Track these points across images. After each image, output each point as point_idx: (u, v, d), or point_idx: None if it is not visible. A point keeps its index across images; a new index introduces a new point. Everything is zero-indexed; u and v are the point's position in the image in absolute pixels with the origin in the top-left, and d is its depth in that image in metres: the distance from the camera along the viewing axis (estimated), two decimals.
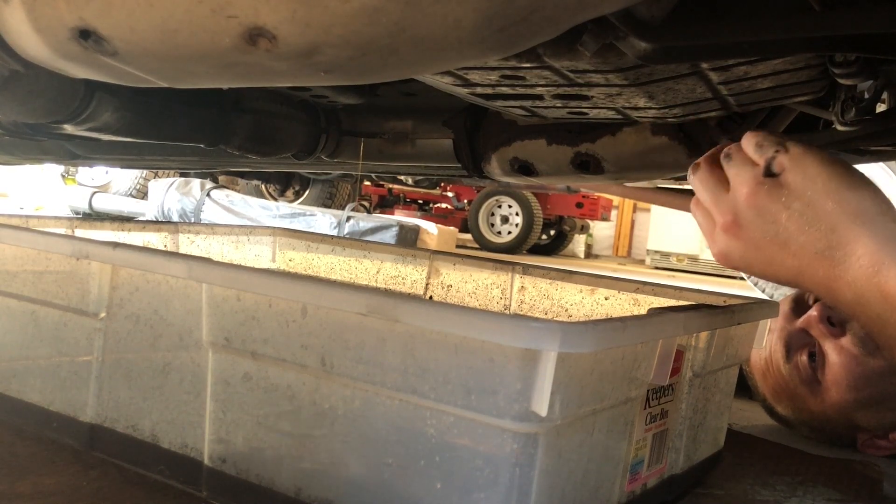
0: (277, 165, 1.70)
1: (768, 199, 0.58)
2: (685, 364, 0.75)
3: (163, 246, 1.26)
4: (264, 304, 0.64)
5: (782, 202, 0.58)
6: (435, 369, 0.56)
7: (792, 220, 0.58)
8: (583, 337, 0.52)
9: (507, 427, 0.54)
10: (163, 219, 3.90)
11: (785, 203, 0.58)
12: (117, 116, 0.94)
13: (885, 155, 1.11)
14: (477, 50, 0.51)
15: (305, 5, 0.45)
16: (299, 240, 1.41)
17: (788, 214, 0.58)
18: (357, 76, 0.58)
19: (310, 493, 0.63)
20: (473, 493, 0.56)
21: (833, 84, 0.91)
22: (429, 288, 1.25)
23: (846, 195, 0.56)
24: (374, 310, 0.56)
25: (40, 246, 0.79)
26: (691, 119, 0.97)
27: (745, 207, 0.60)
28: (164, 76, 0.58)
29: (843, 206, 0.56)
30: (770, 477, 0.95)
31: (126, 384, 0.75)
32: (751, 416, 1.32)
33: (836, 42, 0.67)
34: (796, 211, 0.58)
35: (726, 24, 0.62)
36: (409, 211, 6.97)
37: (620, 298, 1.07)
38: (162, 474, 0.72)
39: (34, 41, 0.55)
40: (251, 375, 0.66)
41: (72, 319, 0.78)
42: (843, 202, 0.56)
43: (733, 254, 0.61)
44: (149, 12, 0.48)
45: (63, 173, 4.84)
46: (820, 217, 0.57)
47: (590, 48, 0.63)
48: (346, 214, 3.73)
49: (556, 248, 6.74)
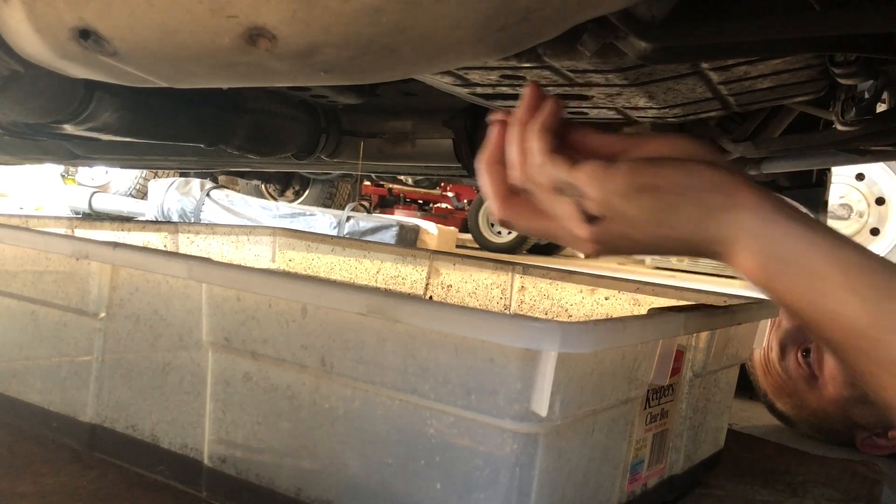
0: (277, 165, 1.70)
1: (612, 239, 0.54)
2: (685, 364, 0.75)
3: (163, 246, 1.26)
4: (264, 304, 0.64)
5: (630, 242, 0.54)
6: (435, 369, 0.56)
7: (648, 249, 0.55)
8: (583, 337, 0.52)
9: (507, 427, 0.54)
10: (163, 219, 3.90)
11: (634, 243, 0.54)
12: (117, 116, 0.94)
13: (886, 155, 1.11)
14: (477, 50, 0.51)
15: (305, 5, 0.45)
16: (299, 240, 1.41)
17: (642, 248, 0.54)
18: (357, 76, 0.58)
19: (310, 494, 0.63)
20: (473, 493, 0.56)
21: (833, 84, 0.91)
22: (429, 288, 1.25)
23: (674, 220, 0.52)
24: (374, 310, 0.56)
25: (40, 246, 0.79)
26: (691, 119, 0.97)
27: (594, 244, 0.54)
28: (163, 76, 0.58)
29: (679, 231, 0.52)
30: (770, 477, 0.95)
31: (126, 384, 0.75)
32: (751, 416, 1.32)
33: (836, 42, 0.68)
34: (647, 245, 0.54)
35: (726, 24, 0.62)
36: (409, 211, 6.97)
37: (620, 298, 1.07)
38: (162, 474, 0.72)
39: (34, 41, 0.55)
40: (251, 375, 0.66)
41: (72, 319, 0.78)
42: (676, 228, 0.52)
43: (606, 255, 0.57)
44: (149, 12, 0.48)
45: (63, 173, 4.84)
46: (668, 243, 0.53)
47: (590, 48, 0.63)
48: (346, 214, 3.73)
49: (557, 248, 6.74)
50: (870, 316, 0.45)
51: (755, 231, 0.49)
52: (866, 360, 0.46)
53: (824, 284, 0.46)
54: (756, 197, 0.50)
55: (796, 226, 0.49)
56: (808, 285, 0.47)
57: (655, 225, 0.52)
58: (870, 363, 0.46)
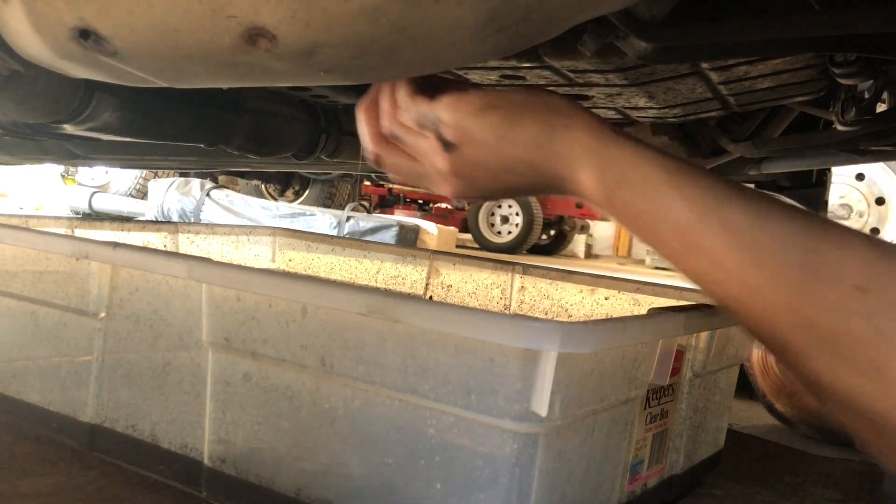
0: (277, 165, 1.70)
1: (469, 167, 0.57)
2: (685, 364, 0.75)
3: (163, 246, 1.26)
4: (264, 304, 0.64)
5: (483, 168, 0.57)
6: (435, 369, 0.56)
7: (500, 176, 0.57)
8: (583, 337, 0.52)
9: (507, 427, 0.54)
10: (163, 219, 3.90)
11: (483, 165, 0.57)
12: (117, 116, 0.94)
13: (886, 155, 1.11)
14: (477, 50, 0.51)
15: (305, 5, 0.45)
16: (299, 240, 1.41)
17: (494, 174, 0.57)
18: (357, 76, 0.58)
19: (310, 493, 0.63)
20: (473, 493, 0.55)
21: (833, 84, 0.91)
22: (429, 288, 1.25)
23: (517, 136, 0.55)
24: (374, 310, 0.56)
25: (40, 246, 0.79)
26: (691, 119, 0.97)
27: (453, 178, 0.58)
28: (163, 76, 0.57)
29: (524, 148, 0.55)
30: (770, 477, 0.95)
31: (126, 384, 0.75)
32: (751, 416, 1.32)
33: (836, 42, 0.67)
34: (499, 170, 0.57)
35: (726, 24, 0.62)
36: (409, 211, 6.97)
37: (620, 298, 1.07)
38: (162, 474, 0.72)
39: (34, 41, 0.55)
40: (251, 375, 0.66)
41: (72, 319, 0.78)
42: (521, 145, 0.55)
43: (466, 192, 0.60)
44: (149, 12, 0.48)
45: (63, 173, 4.84)
46: (517, 166, 0.56)
47: (590, 48, 0.63)
48: (346, 214, 3.73)
49: (556, 248, 6.73)
50: (693, 212, 0.49)
51: (593, 147, 0.52)
52: (696, 257, 0.49)
53: (654, 189, 0.50)
54: (592, 119, 0.54)
55: (628, 142, 0.52)
56: (641, 193, 0.51)
57: (500, 141, 0.55)
58: (699, 259, 0.49)
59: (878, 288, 0.45)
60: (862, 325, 0.44)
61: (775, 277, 0.47)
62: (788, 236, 0.47)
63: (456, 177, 0.58)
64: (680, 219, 0.49)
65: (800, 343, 0.47)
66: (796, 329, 0.47)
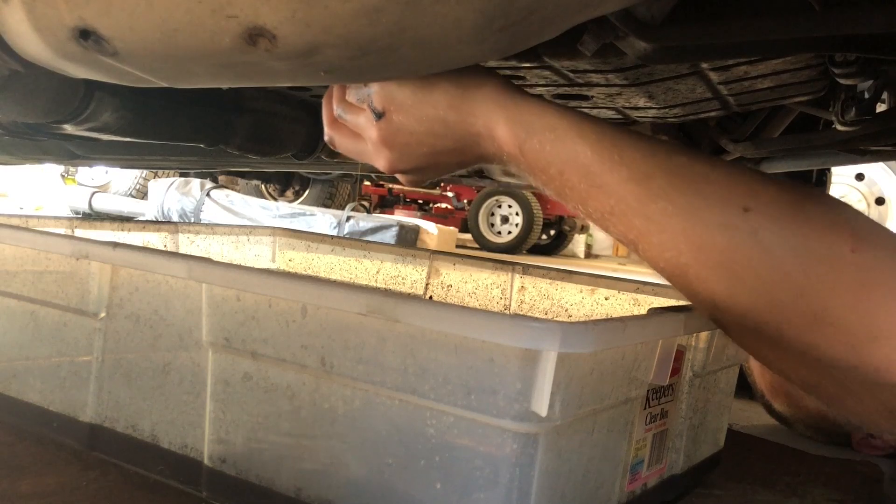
0: (277, 165, 1.70)
1: (396, 134, 0.61)
2: (685, 364, 0.75)
3: (163, 246, 1.26)
4: (264, 304, 0.64)
5: (408, 133, 0.60)
6: (435, 369, 0.56)
7: (425, 141, 0.61)
8: (583, 337, 0.52)
9: (507, 427, 0.54)
10: (163, 219, 3.90)
11: (407, 130, 0.60)
12: (117, 116, 0.94)
13: (886, 155, 1.11)
14: (477, 50, 0.51)
15: (305, 5, 0.45)
16: (299, 240, 1.41)
17: (419, 138, 0.61)
18: (357, 76, 0.58)
19: (310, 494, 0.63)
20: (473, 493, 0.56)
21: (833, 84, 0.91)
22: (429, 288, 1.25)
23: (434, 97, 0.59)
24: (374, 310, 0.56)
25: (40, 246, 0.79)
26: (691, 119, 0.97)
27: (385, 148, 0.62)
28: (164, 76, 0.57)
29: (441, 108, 0.59)
30: (770, 477, 0.95)
31: (126, 384, 0.75)
32: (751, 416, 1.32)
33: (836, 42, 0.67)
34: (423, 134, 0.60)
35: (726, 24, 0.62)
36: (409, 211, 6.97)
37: (620, 298, 1.07)
38: (162, 474, 0.72)
39: (34, 41, 0.55)
40: (251, 375, 0.66)
41: (72, 319, 0.78)
42: (438, 105, 0.59)
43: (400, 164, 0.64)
44: (149, 12, 0.48)
45: (63, 173, 4.84)
46: (437, 128, 0.59)
47: (590, 48, 0.63)
48: (346, 214, 3.73)
49: (556, 248, 6.74)
50: (594, 153, 0.53)
51: (503, 102, 0.56)
52: (599, 194, 0.53)
53: (559, 136, 0.54)
54: (501, 80, 0.59)
55: (535, 98, 0.57)
56: (550, 140, 0.54)
57: (420, 103, 0.59)
58: (603, 196, 0.53)
59: (761, 206, 0.49)
60: (747, 240, 0.49)
61: (669, 205, 0.51)
62: (679, 167, 0.52)
63: (387, 147, 0.62)
64: (583, 160, 0.53)
65: (696, 266, 0.51)
66: (691, 252, 0.50)
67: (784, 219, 0.49)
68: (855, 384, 0.49)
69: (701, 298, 0.53)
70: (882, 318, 0.46)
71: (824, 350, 0.48)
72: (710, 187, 0.51)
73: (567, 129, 0.54)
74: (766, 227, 0.49)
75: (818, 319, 0.47)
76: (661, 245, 0.52)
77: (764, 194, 0.50)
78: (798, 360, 0.51)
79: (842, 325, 0.47)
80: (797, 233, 0.48)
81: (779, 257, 0.48)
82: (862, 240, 0.48)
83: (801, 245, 0.48)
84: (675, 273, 0.53)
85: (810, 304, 0.47)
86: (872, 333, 0.46)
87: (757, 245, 0.48)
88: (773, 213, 0.49)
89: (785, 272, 0.48)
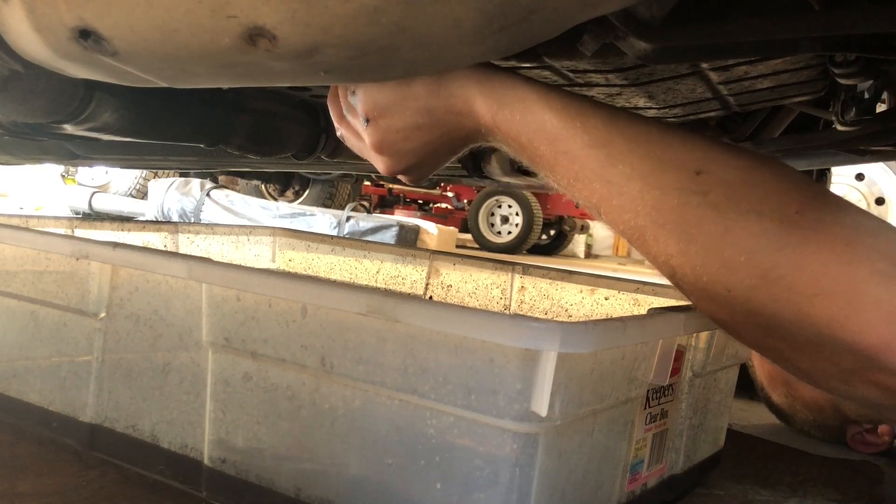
0: (277, 165, 1.70)
1: (385, 137, 0.63)
2: (685, 364, 0.75)
3: (163, 246, 1.26)
4: (264, 304, 0.64)
5: (395, 132, 0.62)
6: (435, 369, 0.56)
7: (412, 136, 0.62)
8: (583, 337, 0.52)
9: (507, 427, 0.54)
10: (163, 219, 3.89)
11: (394, 129, 0.62)
12: (117, 116, 0.94)
13: (886, 155, 1.11)
14: (477, 50, 0.51)
15: (305, 5, 0.45)
16: (299, 240, 1.41)
17: (405, 134, 0.62)
18: (357, 76, 0.58)
19: (310, 494, 0.63)
20: (473, 493, 0.56)
21: (833, 84, 0.91)
22: (429, 288, 1.25)
23: (414, 89, 0.60)
24: (374, 310, 0.56)
25: (40, 246, 0.79)
26: (691, 119, 0.97)
27: (378, 153, 0.65)
28: (164, 76, 0.58)
29: (422, 98, 0.60)
30: (770, 477, 0.95)
31: (126, 384, 0.75)
32: (751, 416, 1.32)
33: (836, 42, 0.67)
34: (409, 129, 0.62)
35: (726, 24, 0.62)
36: (409, 211, 6.97)
37: (620, 298, 1.07)
38: (162, 474, 0.72)
39: (34, 41, 0.55)
40: (251, 375, 0.66)
41: (72, 319, 0.78)
42: (419, 97, 0.60)
43: (396, 166, 0.66)
44: (149, 12, 0.48)
45: (63, 173, 4.84)
46: (422, 120, 0.61)
47: (590, 48, 0.63)
48: (346, 214, 3.73)
49: (556, 248, 6.73)
50: (560, 121, 0.55)
51: (478, 78, 0.58)
52: (565, 160, 0.55)
53: (528, 106, 0.56)
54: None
55: (508, 73, 0.59)
56: (520, 111, 0.57)
57: (402, 99, 0.60)
58: (568, 162, 0.55)
59: (713, 169, 0.52)
60: (698, 200, 0.51)
61: (628, 169, 0.53)
62: (637, 134, 0.54)
63: (379, 151, 0.64)
64: (550, 128, 0.56)
65: (653, 227, 0.53)
66: (648, 213, 0.53)
67: (734, 182, 0.51)
68: (804, 343, 0.51)
69: (659, 261, 0.55)
70: (823, 274, 0.48)
71: (773, 309, 0.50)
72: (667, 152, 0.53)
73: (536, 100, 0.56)
74: (717, 188, 0.51)
75: (765, 278, 0.49)
76: (621, 207, 0.54)
77: (717, 159, 0.52)
78: (751, 322, 0.52)
79: (787, 283, 0.49)
80: (746, 195, 0.51)
81: (729, 217, 0.50)
82: (808, 202, 0.50)
83: (750, 206, 0.50)
84: (634, 235, 0.55)
85: (758, 263, 0.49)
86: (814, 290, 0.48)
87: (707, 205, 0.51)
88: (724, 176, 0.51)
89: (734, 232, 0.50)
